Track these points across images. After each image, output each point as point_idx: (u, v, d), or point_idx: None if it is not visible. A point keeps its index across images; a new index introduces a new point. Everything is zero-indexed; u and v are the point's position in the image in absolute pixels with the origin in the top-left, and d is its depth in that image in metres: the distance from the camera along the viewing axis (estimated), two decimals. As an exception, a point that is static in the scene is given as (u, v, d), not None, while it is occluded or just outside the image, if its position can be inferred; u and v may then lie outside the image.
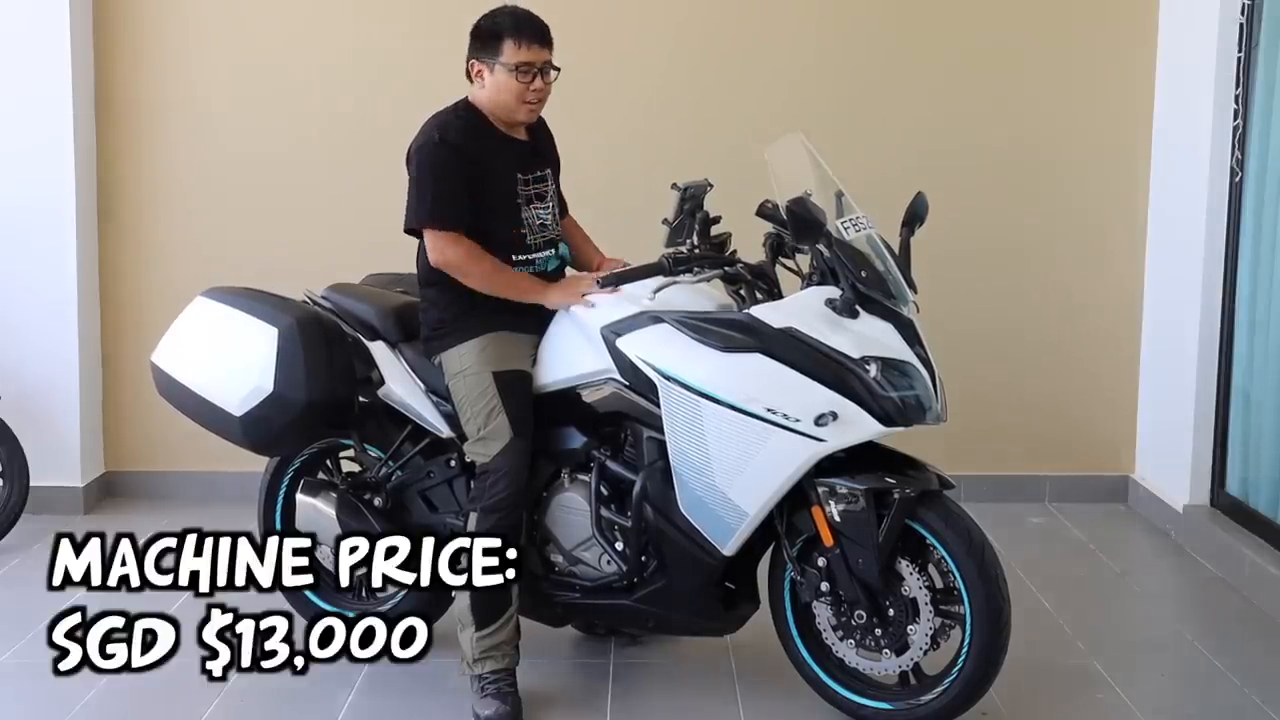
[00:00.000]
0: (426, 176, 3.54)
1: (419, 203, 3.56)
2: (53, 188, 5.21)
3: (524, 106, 3.61)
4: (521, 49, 3.55)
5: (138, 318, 5.39)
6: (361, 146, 5.32)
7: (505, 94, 3.59)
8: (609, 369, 3.55)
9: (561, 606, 3.74)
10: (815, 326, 3.33)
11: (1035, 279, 5.50)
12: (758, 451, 3.33)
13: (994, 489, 5.37)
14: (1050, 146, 5.45)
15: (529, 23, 3.59)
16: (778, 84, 5.39)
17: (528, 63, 3.56)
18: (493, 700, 3.54)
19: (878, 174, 4.78)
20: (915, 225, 3.52)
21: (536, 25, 3.60)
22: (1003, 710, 3.61)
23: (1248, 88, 4.79)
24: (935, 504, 3.36)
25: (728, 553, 3.45)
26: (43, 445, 5.12)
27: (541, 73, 3.59)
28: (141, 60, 5.39)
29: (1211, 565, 4.79)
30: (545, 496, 3.70)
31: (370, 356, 3.84)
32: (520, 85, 3.57)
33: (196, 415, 3.83)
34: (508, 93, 3.58)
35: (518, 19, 3.60)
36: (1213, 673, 3.92)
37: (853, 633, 3.45)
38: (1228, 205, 4.88)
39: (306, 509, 3.93)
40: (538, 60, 3.57)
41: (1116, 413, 5.53)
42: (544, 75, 3.60)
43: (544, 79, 3.60)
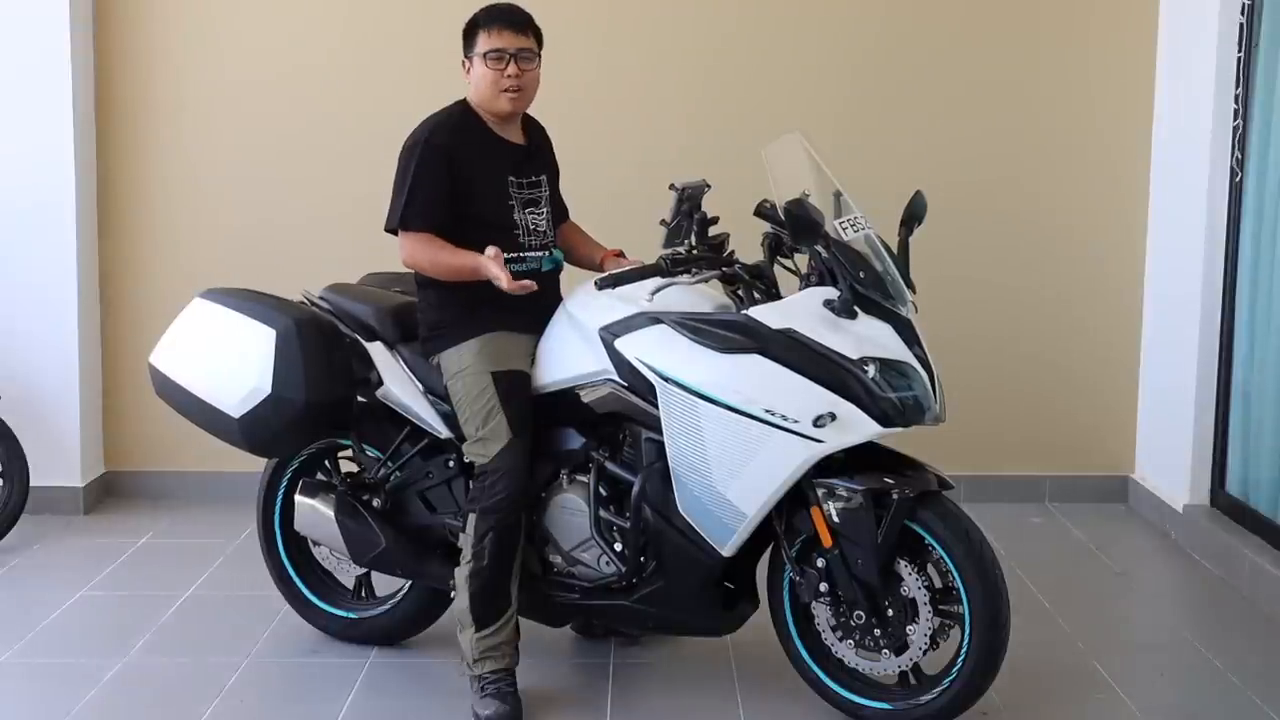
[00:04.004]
0: (403, 180, 3.58)
1: (393, 206, 3.60)
2: (53, 188, 5.21)
3: (503, 95, 3.60)
4: (493, 36, 3.57)
5: (138, 318, 5.39)
6: (360, 147, 5.32)
7: (483, 84, 3.60)
8: (607, 370, 3.55)
9: (560, 607, 3.74)
10: (813, 327, 3.33)
11: (1035, 279, 5.50)
12: (756, 452, 3.33)
13: (994, 489, 5.37)
14: (1050, 146, 5.45)
15: (500, 10, 3.61)
16: (777, 84, 5.39)
17: (499, 49, 3.56)
18: (493, 700, 3.54)
19: (877, 173, 4.78)
20: (914, 225, 3.51)
21: (508, 12, 3.61)
22: (1003, 710, 3.61)
23: (1248, 88, 4.79)
24: (934, 504, 3.35)
25: (726, 553, 3.44)
26: (43, 445, 5.12)
27: (515, 59, 3.58)
28: (141, 61, 5.39)
29: (1211, 565, 4.79)
30: (544, 497, 3.70)
31: (368, 357, 3.84)
32: (494, 72, 3.57)
33: (195, 416, 3.83)
34: (485, 82, 3.59)
35: (492, 9, 3.62)
36: (1213, 673, 3.92)
37: (852, 633, 3.45)
38: (1228, 205, 4.88)
39: (305, 509, 3.94)
40: (510, 46, 3.57)
41: (1116, 413, 5.53)
42: (519, 61, 3.59)
43: (519, 65, 3.59)
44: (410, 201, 3.55)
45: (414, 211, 3.55)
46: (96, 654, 3.97)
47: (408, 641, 4.04)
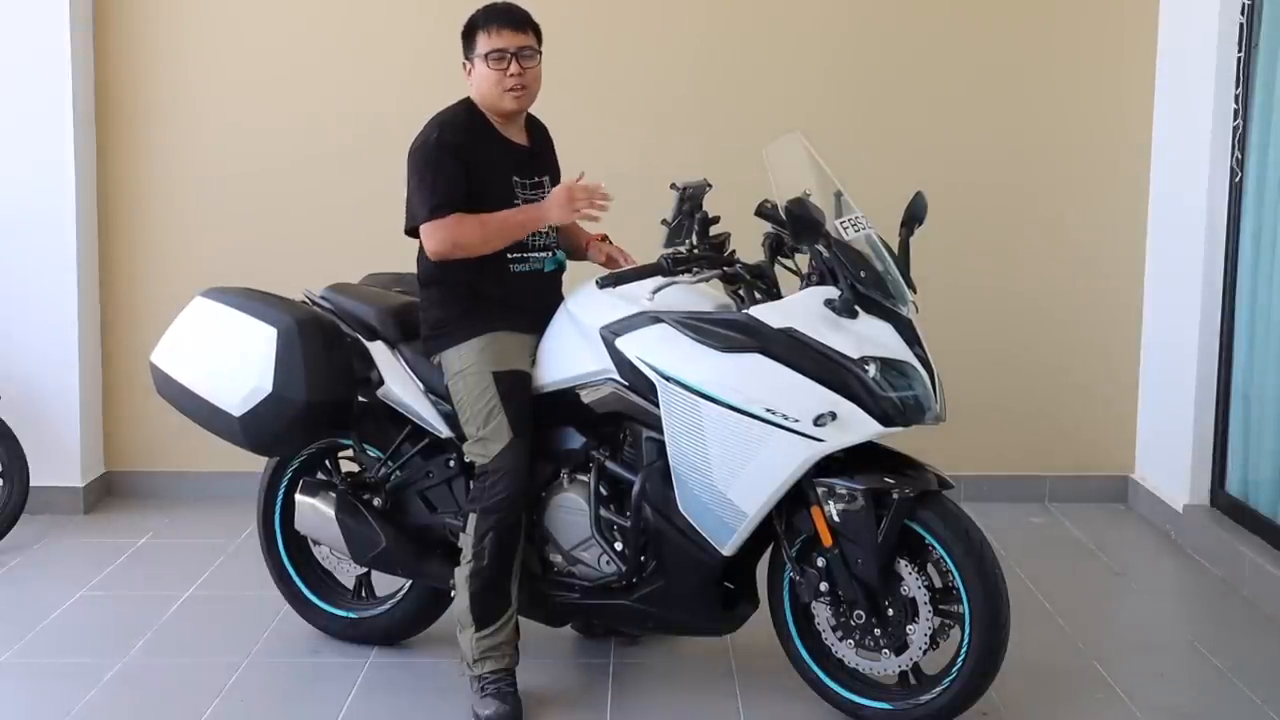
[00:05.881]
0: (424, 176, 3.54)
1: (418, 203, 3.55)
2: (53, 188, 5.21)
3: (507, 95, 3.59)
4: (493, 36, 3.56)
5: (138, 318, 5.39)
6: (361, 147, 5.32)
7: (486, 84, 3.59)
8: (608, 369, 3.55)
9: (560, 606, 3.74)
10: (814, 327, 3.33)
11: (1035, 279, 5.50)
12: (757, 452, 3.33)
13: (994, 489, 5.37)
14: (1051, 146, 5.45)
15: (499, 10, 3.61)
16: (778, 84, 5.39)
17: (499, 49, 3.56)
18: (493, 700, 3.54)
19: (878, 173, 4.79)
20: (914, 225, 3.52)
21: (507, 11, 3.61)
22: (1003, 710, 3.61)
23: (1248, 88, 4.79)
24: (934, 504, 3.35)
25: (727, 553, 3.45)
26: (43, 445, 5.12)
27: (517, 57, 3.58)
28: (141, 62, 5.39)
29: (1211, 565, 4.79)
30: (544, 497, 3.69)
31: (369, 356, 3.84)
32: (496, 73, 3.56)
33: (196, 415, 3.83)
34: (488, 82, 3.58)
35: (490, 9, 3.62)
36: (1213, 673, 3.92)
37: (852, 633, 3.45)
38: (1228, 205, 4.88)
39: (305, 509, 3.93)
40: (510, 45, 3.56)
41: (1116, 413, 5.53)
42: (520, 60, 3.58)
43: (520, 63, 3.58)
44: (435, 192, 3.52)
45: (440, 200, 3.52)
46: (96, 654, 3.97)
47: (408, 641, 4.04)
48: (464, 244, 3.53)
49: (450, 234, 3.51)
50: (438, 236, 3.52)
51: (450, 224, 3.51)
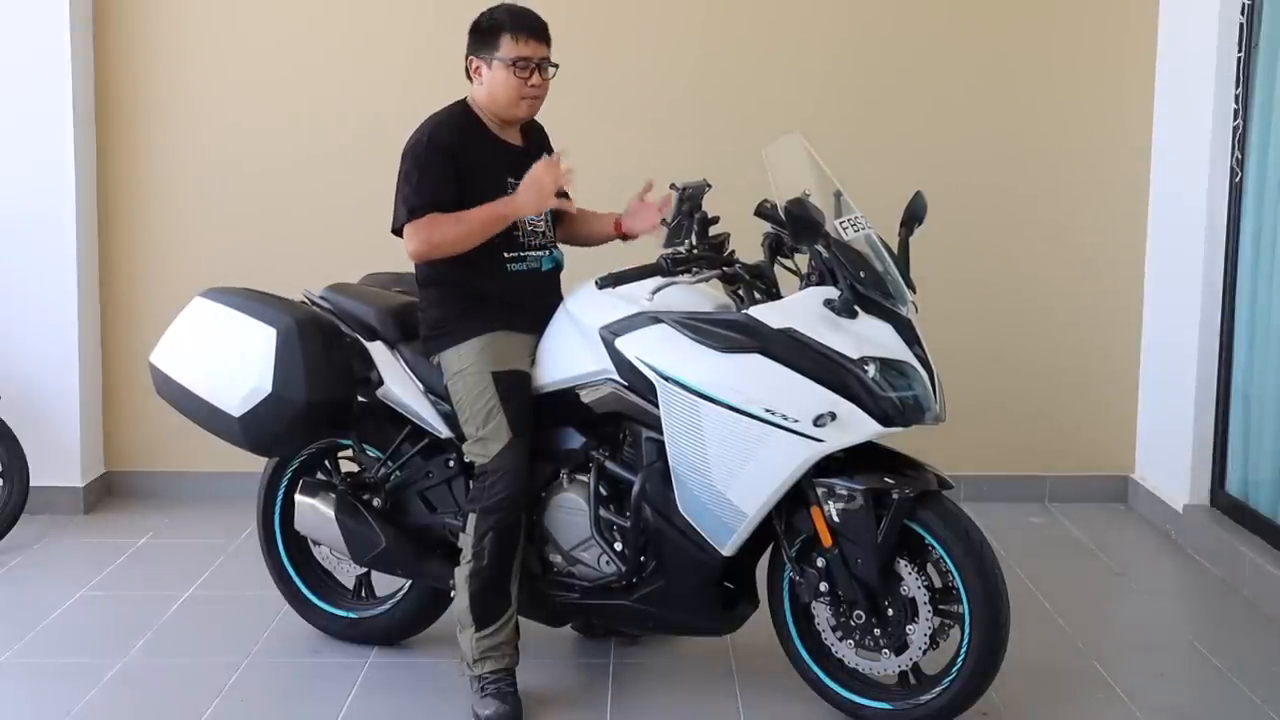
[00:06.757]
0: (410, 176, 3.55)
1: (400, 205, 3.57)
2: (53, 189, 5.21)
3: (522, 102, 3.61)
4: (519, 44, 3.56)
5: (138, 318, 5.39)
6: (359, 147, 5.32)
7: (503, 89, 3.59)
8: (608, 369, 3.55)
9: (560, 606, 3.74)
10: (814, 327, 3.33)
11: (1035, 279, 5.50)
12: (756, 452, 3.33)
13: (994, 489, 5.37)
14: (1051, 146, 5.45)
15: (526, 18, 3.60)
16: (777, 84, 5.39)
17: (525, 57, 3.56)
18: (493, 700, 3.54)
19: (877, 173, 4.78)
20: (914, 225, 3.52)
21: (534, 21, 3.61)
22: (1003, 710, 3.61)
23: (1248, 88, 4.79)
24: (934, 504, 3.35)
25: (726, 553, 3.45)
26: (43, 445, 5.12)
27: (539, 68, 3.59)
28: (141, 62, 5.39)
29: (1211, 565, 4.79)
30: (544, 497, 3.69)
31: (369, 356, 3.84)
32: (518, 80, 3.57)
33: (195, 416, 3.83)
34: (505, 88, 3.58)
35: (515, 14, 3.61)
36: (1213, 673, 3.92)
37: (852, 633, 3.45)
38: (1228, 205, 4.88)
39: (305, 509, 3.94)
40: (535, 55, 3.58)
41: (1116, 413, 5.53)
42: (541, 71, 3.60)
43: (541, 75, 3.60)
44: (418, 193, 3.52)
45: (419, 201, 3.52)
46: (96, 654, 3.97)
47: (408, 641, 4.04)
48: (439, 243, 3.53)
49: (426, 234, 3.51)
50: (417, 238, 3.53)
51: (425, 224, 3.51)
